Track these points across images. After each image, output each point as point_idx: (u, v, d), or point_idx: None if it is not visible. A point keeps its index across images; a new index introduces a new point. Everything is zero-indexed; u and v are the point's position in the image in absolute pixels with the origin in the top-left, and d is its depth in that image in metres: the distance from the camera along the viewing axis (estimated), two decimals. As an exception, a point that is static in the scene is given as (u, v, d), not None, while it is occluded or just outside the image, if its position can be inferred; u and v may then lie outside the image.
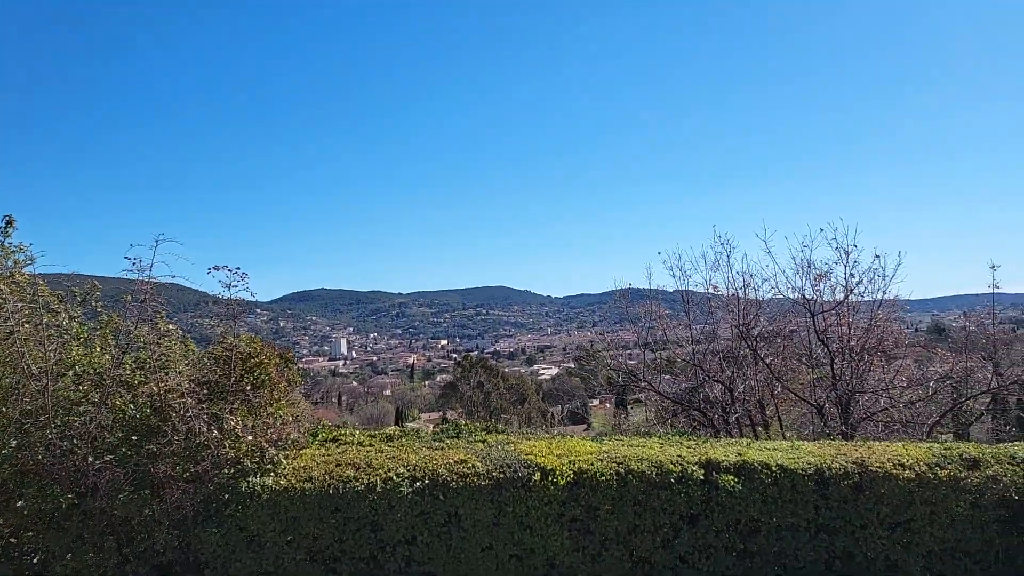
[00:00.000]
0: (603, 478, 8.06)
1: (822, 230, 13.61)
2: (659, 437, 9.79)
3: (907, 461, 8.32)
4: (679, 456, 8.40)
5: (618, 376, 16.70)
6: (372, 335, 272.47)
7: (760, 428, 13.82)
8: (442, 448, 8.97)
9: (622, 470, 8.15)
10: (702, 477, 8.16)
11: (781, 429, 13.73)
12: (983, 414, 12.58)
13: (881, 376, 13.29)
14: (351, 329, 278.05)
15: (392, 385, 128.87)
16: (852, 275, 13.32)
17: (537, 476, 8.06)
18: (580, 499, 8.04)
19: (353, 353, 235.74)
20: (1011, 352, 13.00)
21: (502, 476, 8.09)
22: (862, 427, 12.63)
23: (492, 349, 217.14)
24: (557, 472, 8.10)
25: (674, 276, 15.11)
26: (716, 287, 14.58)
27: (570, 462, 8.26)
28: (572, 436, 10.01)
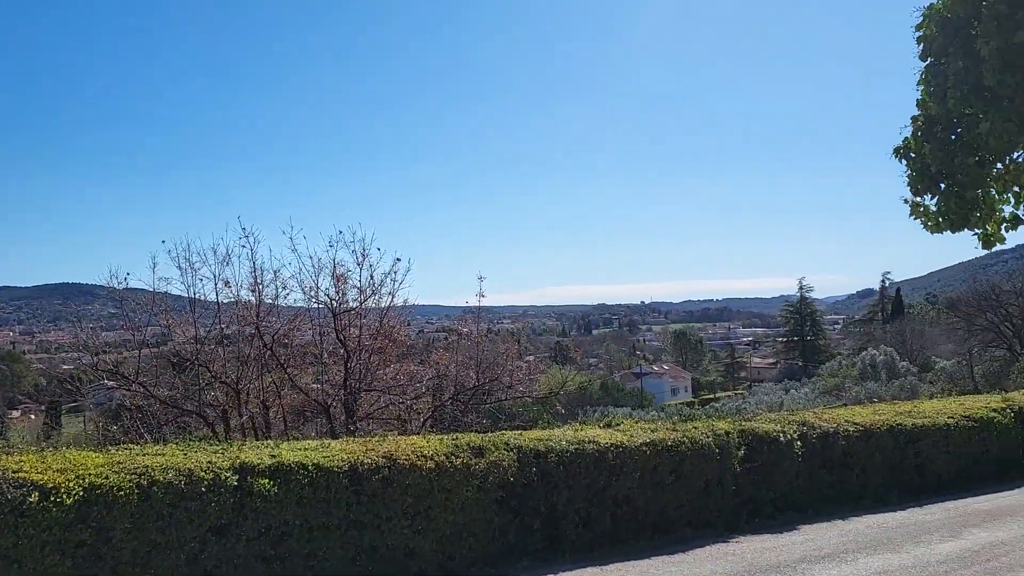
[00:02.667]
0: (121, 493, 6.92)
1: (341, 232, 14.12)
2: (175, 443, 8.85)
3: (428, 452, 8.88)
4: (209, 462, 7.66)
5: (49, 382, 14.79)
6: None
7: (262, 432, 13.48)
8: None
9: (144, 482, 7.11)
10: (236, 483, 7.57)
11: (286, 430, 13.60)
12: (467, 408, 14.25)
13: (384, 376, 14.16)
14: None
15: None
16: (372, 277, 14.04)
17: (34, 497, 6.56)
18: (91, 520, 6.76)
19: None
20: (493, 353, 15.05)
21: (-18, 501, 6.40)
22: (364, 425, 13.23)
23: None
24: (61, 490, 6.70)
25: (180, 269, 13.90)
26: (228, 282, 13.86)
27: (77, 477, 6.91)
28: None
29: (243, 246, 14.15)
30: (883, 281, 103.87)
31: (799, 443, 12.16)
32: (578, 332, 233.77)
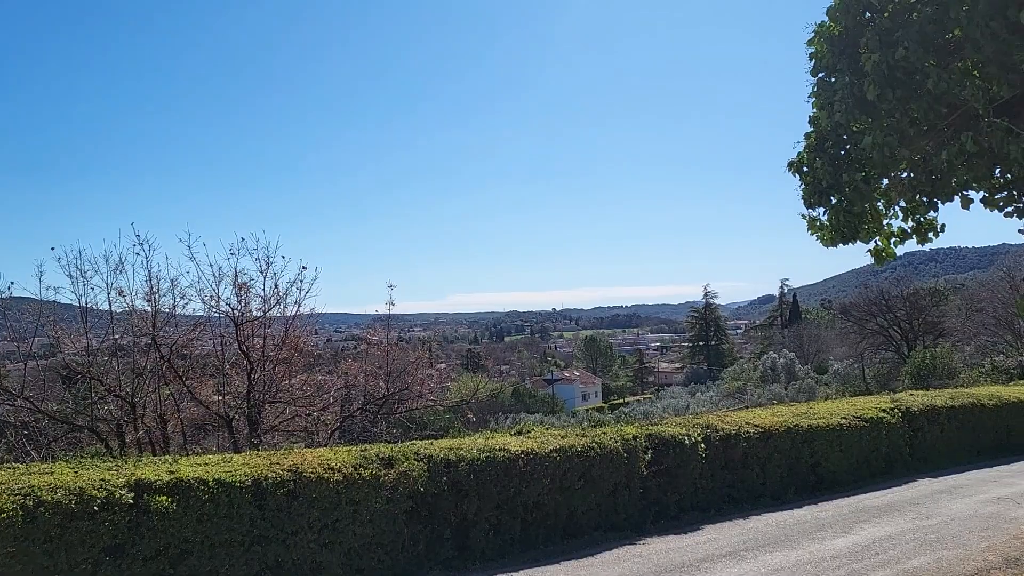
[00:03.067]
0: (3, 515, 6.53)
1: (244, 240, 13.77)
2: (65, 460, 8.43)
3: (336, 464, 8.72)
4: (102, 480, 7.30)
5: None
6: None
7: (160, 447, 12.94)
8: None
9: (30, 502, 6.72)
10: (131, 501, 7.25)
11: (186, 445, 13.11)
12: (376, 418, 14.03)
13: (289, 387, 13.82)
14: None
15: None
16: (276, 286, 13.70)
17: (-95, 523, 6.14)
18: (-30, 545, 6.38)
19: None
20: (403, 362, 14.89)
21: None
22: (269, 438, 12.88)
23: None
24: (-64, 514, 6.29)
25: (71, 277, 13.18)
26: (122, 291, 13.26)
27: (-46, 500, 6.51)
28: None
29: (137, 254, 13.58)
30: (782, 287, 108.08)
31: (703, 445, 12.50)
32: (490, 339, 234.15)
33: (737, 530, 11.40)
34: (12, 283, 13.07)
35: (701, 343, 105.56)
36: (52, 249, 13.37)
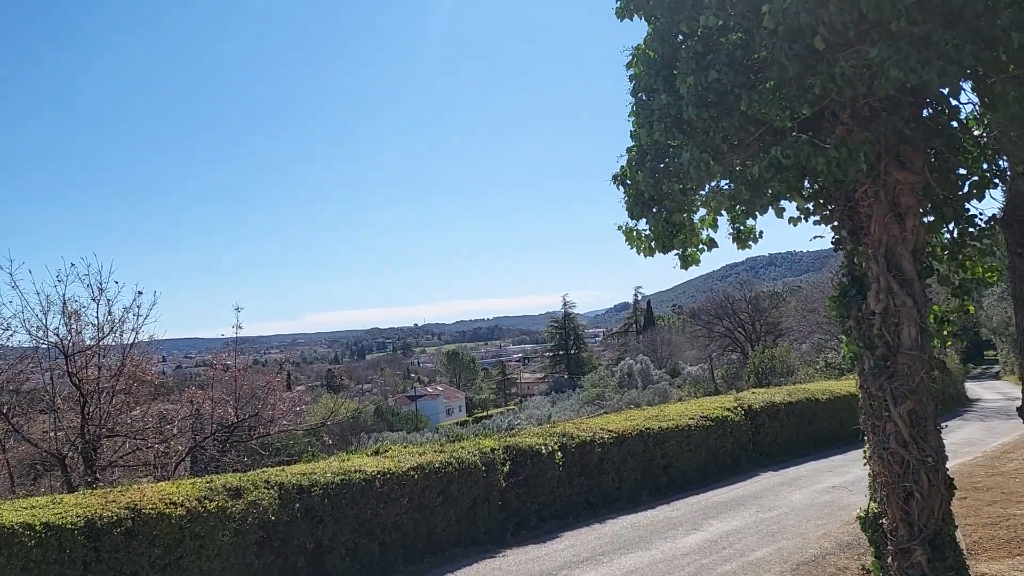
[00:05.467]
0: None
1: (73, 264, 12.99)
2: None
3: (178, 498, 8.31)
4: (-94, 534, 6.64)
5: None
6: None
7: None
8: None
9: None
10: (-58, 555, 6.62)
11: (13, 488, 12.07)
12: (226, 447, 13.41)
13: (129, 419, 13.01)
14: None
15: None
16: (110, 313, 12.90)
17: None
18: None
19: None
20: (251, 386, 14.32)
21: None
22: (108, 475, 12.06)
23: None
24: None
25: None
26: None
27: None
28: None
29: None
30: (636, 295, 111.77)
31: (560, 454, 12.75)
32: (351, 358, 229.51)
33: (594, 535, 11.69)
34: None
35: (561, 352, 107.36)
36: None
